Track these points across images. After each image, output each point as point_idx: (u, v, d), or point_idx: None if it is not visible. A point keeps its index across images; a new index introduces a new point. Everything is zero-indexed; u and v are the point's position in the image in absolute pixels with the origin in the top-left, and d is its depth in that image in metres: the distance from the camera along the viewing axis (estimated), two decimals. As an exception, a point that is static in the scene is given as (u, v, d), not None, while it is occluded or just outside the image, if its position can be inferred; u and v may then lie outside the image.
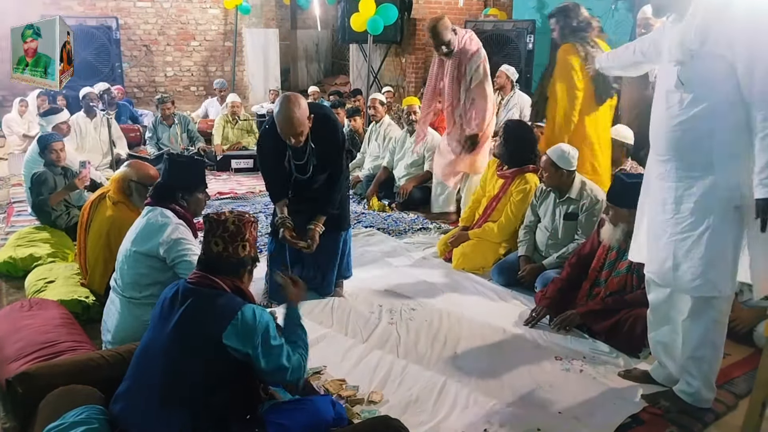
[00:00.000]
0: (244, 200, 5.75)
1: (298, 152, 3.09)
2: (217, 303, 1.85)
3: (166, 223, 2.61)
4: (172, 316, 1.86)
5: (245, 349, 1.82)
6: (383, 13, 7.93)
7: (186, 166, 2.79)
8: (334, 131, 3.18)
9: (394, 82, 10.57)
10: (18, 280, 3.63)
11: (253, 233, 1.99)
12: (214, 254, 1.92)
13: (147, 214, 2.68)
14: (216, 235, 1.91)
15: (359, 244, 4.44)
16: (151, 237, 2.59)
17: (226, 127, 7.41)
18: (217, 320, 1.81)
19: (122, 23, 9.99)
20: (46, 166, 4.30)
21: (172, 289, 1.95)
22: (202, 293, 1.87)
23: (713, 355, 2.33)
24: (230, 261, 1.92)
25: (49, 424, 1.78)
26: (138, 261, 2.61)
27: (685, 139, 2.15)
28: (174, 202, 2.69)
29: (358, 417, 2.34)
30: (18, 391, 2.00)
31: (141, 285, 2.62)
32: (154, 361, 1.85)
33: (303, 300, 2.30)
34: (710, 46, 2.05)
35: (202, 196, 2.81)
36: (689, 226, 2.17)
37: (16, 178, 6.24)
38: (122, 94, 8.21)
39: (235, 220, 1.92)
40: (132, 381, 1.88)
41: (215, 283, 1.89)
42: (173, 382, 1.80)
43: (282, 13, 12.32)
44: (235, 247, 1.92)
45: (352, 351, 2.88)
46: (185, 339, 1.82)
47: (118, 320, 2.64)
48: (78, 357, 2.23)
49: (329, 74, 13.35)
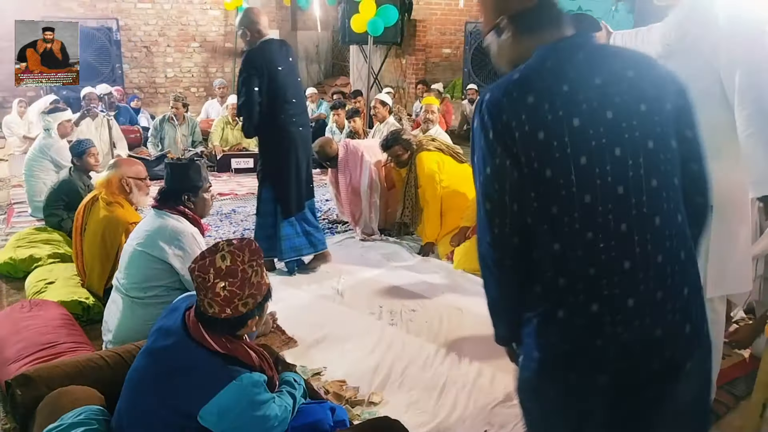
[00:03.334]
0: (245, 201, 5.76)
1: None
2: (204, 374, 1.62)
3: (182, 231, 2.61)
4: (152, 353, 1.72)
5: (219, 425, 1.61)
6: (383, 14, 7.93)
7: (186, 168, 2.79)
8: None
9: (395, 83, 10.58)
10: (18, 281, 3.63)
11: (255, 279, 1.67)
12: (210, 315, 1.65)
13: (160, 217, 2.66)
14: (207, 297, 1.64)
15: (359, 244, 4.45)
16: (164, 242, 2.58)
17: (226, 128, 7.41)
18: (195, 393, 1.60)
19: (122, 24, 10.01)
20: (76, 172, 4.26)
21: (172, 315, 1.78)
22: (188, 350, 1.65)
23: (713, 357, 2.32)
24: (230, 321, 1.67)
25: (48, 425, 1.77)
26: (146, 261, 2.61)
27: None
28: (181, 204, 2.70)
29: (359, 418, 2.34)
30: (17, 393, 2.00)
31: (147, 285, 2.62)
32: (126, 396, 1.75)
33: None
34: (689, 43, 2.05)
35: (207, 195, 2.80)
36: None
37: (16, 179, 6.23)
38: (122, 96, 8.22)
39: (227, 284, 1.62)
40: (122, 399, 1.80)
41: (206, 342, 1.65)
42: (143, 415, 1.68)
43: (282, 15, 12.32)
44: (234, 308, 1.64)
45: (352, 352, 2.88)
46: (160, 402, 1.63)
47: (120, 320, 2.63)
48: (78, 358, 2.22)
49: (329, 75, 13.36)
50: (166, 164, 2.92)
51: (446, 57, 10.95)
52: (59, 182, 4.28)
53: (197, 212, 2.76)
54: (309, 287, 3.67)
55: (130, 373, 1.80)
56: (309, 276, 3.85)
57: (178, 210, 2.68)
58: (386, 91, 8.31)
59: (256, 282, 1.69)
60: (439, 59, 10.87)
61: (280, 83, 3.55)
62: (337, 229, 4.88)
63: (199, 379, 1.62)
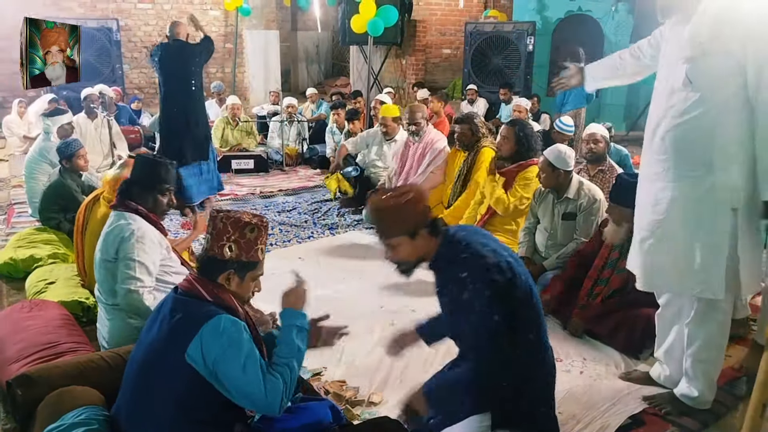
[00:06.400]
0: (245, 201, 5.76)
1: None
2: (188, 315, 1.72)
3: (136, 234, 2.51)
4: (151, 330, 1.79)
5: (206, 366, 1.65)
6: (383, 14, 7.93)
7: (150, 165, 2.69)
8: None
9: (395, 84, 10.58)
10: (19, 281, 3.63)
11: (249, 235, 1.80)
12: (204, 251, 1.83)
13: (117, 220, 2.58)
14: (208, 232, 1.82)
15: (360, 244, 4.45)
16: (114, 246, 2.52)
17: (226, 129, 7.42)
18: (182, 335, 1.68)
19: (123, 25, 10.00)
20: (66, 174, 4.22)
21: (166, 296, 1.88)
22: (178, 305, 1.76)
23: (717, 358, 2.33)
24: (213, 261, 1.79)
25: (49, 425, 1.78)
26: (107, 269, 2.56)
27: (686, 139, 2.14)
28: (138, 202, 2.60)
29: (359, 418, 2.34)
30: (18, 393, 2.00)
31: (115, 292, 2.55)
32: (129, 379, 1.80)
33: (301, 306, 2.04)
34: (722, 42, 2.03)
35: (163, 198, 2.67)
36: (684, 225, 2.18)
37: (16, 179, 6.24)
38: (119, 96, 8.21)
39: (224, 217, 1.80)
40: (120, 395, 1.84)
41: (196, 290, 1.76)
42: (142, 402, 1.73)
43: (282, 15, 12.34)
44: (220, 246, 1.78)
45: (352, 352, 2.88)
46: (156, 357, 1.72)
47: (109, 327, 2.60)
48: (78, 358, 2.23)
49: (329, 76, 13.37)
50: (135, 156, 2.81)
51: (446, 57, 10.95)
52: (51, 185, 4.24)
53: (156, 212, 2.66)
54: (309, 287, 3.66)
55: (132, 353, 1.86)
56: (309, 276, 3.84)
57: (135, 210, 2.58)
58: (386, 92, 8.31)
59: (251, 238, 1.80)
60: (439, 59, 10.88)
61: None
62: (338, 229, 4.89)
63: (186, 321, 1.70)
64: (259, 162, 7.04)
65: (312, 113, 8.59)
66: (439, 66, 10.92)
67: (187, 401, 1.69)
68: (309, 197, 5.81)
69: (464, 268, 1.88)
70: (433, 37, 10.64)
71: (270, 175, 6.92)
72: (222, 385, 1.67)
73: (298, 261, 4.11)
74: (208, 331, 1.66)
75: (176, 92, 5.16)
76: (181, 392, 1.68)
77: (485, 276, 1.82)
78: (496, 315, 1.81)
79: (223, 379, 1.66)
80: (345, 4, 9.33)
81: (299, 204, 5.61)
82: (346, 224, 4.99)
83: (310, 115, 8.53)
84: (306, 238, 4.64)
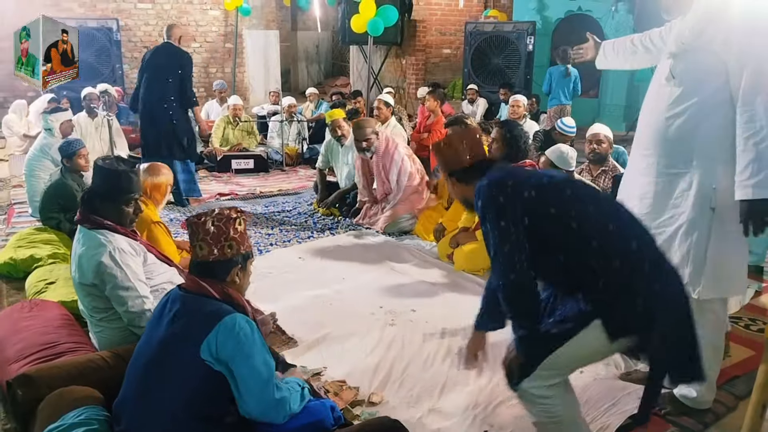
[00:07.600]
0: (244, 201, 5.76)
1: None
2: (201, 312, 1.76)
3: (108, 257, 2.38)
4: (160, 326, 1.81)
5: (221, 363, 1.71)
6: (383, 14, 7.93)
7: (108, 176, 2.46)
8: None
9: (395, 84, 10.58)
10: (18, 281, 3.63)
11: (240, 228, 1.88)
12: (200, 258, 1.84)
13: (82, 241, 2.46)
14: (199, 239, 1.84)
15: (360, 244, 4.45)
16: (92, 271, 2.40)
17: (227, 128, 7.43)
18: (196, 332, 1.73)
19: (123, 25, 10.01)
20: (67, 173, 4.21)
21: (169, 293, 1.91)
22: (188, 302, 1.80)
23: (713, 357, 2.33)
24: (218, 263, 1.84)
25: (49, 425, 1.78)
26: (87, 293, 2.50)
27: (669, 135, 2.17)
28: (102, 215, 2.45)
29: (359, 418, 2.34)
30: (18, 393, 2.00)
31: (99, 309, 2.52)
32: (136, 374, 1.81)
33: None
34: (704, 41, 2.07)
35: (128, 208, 2.51)
36: (665, 221, 2.20)
37: (16, 179, 6.24)
38: (121, 96, 8.22)
39: (214, 219, 1.83)
40: (124, 390, 1.85)
41: (204, 289, 1.81)
42: (150, 396, 1.75)
43: (282, 15, 12.34)
44: (221, 248, 1.83)
45: (352, 352, 2.88)
46: (168, 352, 1.75)
47: (99, 337, 2.57)
48: (78, 358, 2.23)
49: (329, 76, 13.38)
50: (94, 165, 2.57)
51: (446, 57, 10.95)
52: (51, 185, 4.24)
53: (123, 224, 2.50)
54: (309, 287, 3.67)
55: (136, 350, 1.88)
56: (309, 276, 3.85)
57: (103, 225, 2.44)
58: (386, 92, 8.31)
59: (240, 230, 1.88)
60: (439, 59, 10.88)
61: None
62: (338, 229, 4.89)
63: (200, 318, 1.76)
64: (259, 162, 7.04)
65: (312, 113, 8.59)
66: (439, 66, 10.91)
67: (197, 397, 1.73)
68: (309, 197, 5.81)
69: (477, 197, 1.89)
70: (433, 37, 10.64)
71: (270, 175, 6.92)
72: (234, 381, 1.73)
73: (298, 261, 4.11)
74: (223, 328, 1.72)
75: (153, 85, 5.39)
76: (193, 387, 1.72)
77: (486, 195, 1.83)
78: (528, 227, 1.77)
79: (236, 376, 1.72)
80: (345, 4, 9.34)
81: (299, 204, 5.61)
82: (346, 224, 4.99)
83: (310, 114, 8.53)
84: (306, 238, 4.64)
